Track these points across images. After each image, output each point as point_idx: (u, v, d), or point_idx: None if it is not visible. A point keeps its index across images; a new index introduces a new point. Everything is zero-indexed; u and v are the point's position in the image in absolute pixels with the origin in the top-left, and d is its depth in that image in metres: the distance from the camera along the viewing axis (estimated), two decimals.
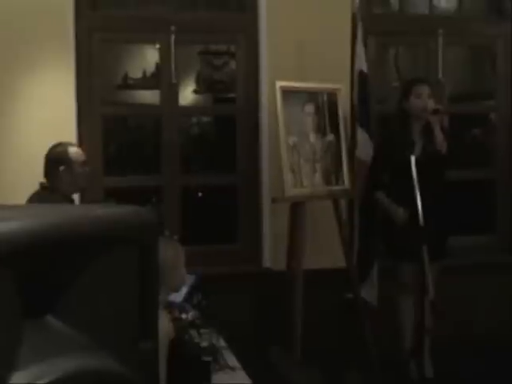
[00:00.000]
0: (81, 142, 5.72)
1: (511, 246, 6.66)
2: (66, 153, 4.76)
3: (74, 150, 4.82)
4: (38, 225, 1.43)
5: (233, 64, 8.08)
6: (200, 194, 7.70)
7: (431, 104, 5.39)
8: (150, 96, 7.96)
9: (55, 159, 4.75)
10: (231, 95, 7.89)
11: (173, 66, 6.02)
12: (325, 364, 5.76)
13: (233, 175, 6.32)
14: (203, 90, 8.80)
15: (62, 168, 4.71)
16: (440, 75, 6.42)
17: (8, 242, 1.36)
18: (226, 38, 6.40)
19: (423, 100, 5.44)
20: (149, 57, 8.14)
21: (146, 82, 8.42)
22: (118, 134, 8.01)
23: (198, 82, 8.78)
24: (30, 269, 1.43)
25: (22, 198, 4.73)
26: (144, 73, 8.51)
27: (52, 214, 1.57)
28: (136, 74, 8.58)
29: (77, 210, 1.68)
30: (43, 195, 4.71)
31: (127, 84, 8.68)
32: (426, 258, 4.73)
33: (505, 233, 6.69)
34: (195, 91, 8.73)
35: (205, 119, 8.92)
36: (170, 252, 3.73)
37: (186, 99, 7.92)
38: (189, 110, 7.42)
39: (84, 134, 5.83)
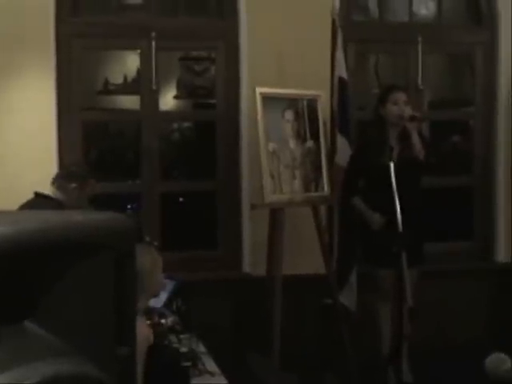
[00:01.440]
0: (60, 148, 5.72)
1: (488, 253, 6.70)
2: (86, 174, 5.10)
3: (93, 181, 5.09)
4: (14, 230, 1.43)
5: (213, 70, 8.07)
6: (181, 199, 7.70)
7: (408, 111, 5.42)
8: (130, 101, 7.95)
9: (70, 175, 5.01)
10: (212, 101, 7.91)
11: (153, 72, 6.04)
12: (303, 369, 5.79)
13: (213, 181, 6.33)
14: (184, 96, 8.79)
15: (74, 185, 4.92)
16: (419, 82, 6.45)
17: None
18: (207, 44, 6.42)
19: (400, 107, 5.47)
20: (129, 62, 8.12)
21: (127, 88, 8.40)
22: (98, 140, 8.00)
23: (178, 87, 8.78)
24: (6, 275, 1.43)
25: (4, 206, 4.74)
26: (125, 78, 8.50)
27: (29, 220, 1.57)
28: (117, 79, 8.57)
29: (55, 215, 1.68)
30: (40, 203, 4.77)
31: (108, 89, 8.66)
32: (404, 264, 4.74)
33: (482, 239, 6.73)
34: (176, 97, 8.72)
35: (185, 125, 8.92)
36: (148, 258, 3.74)
37: (166, 105, 7.92)
38: (169, 116, 7.41)
39: (64, 140, 5.82)
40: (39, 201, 4.81)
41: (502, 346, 6.20)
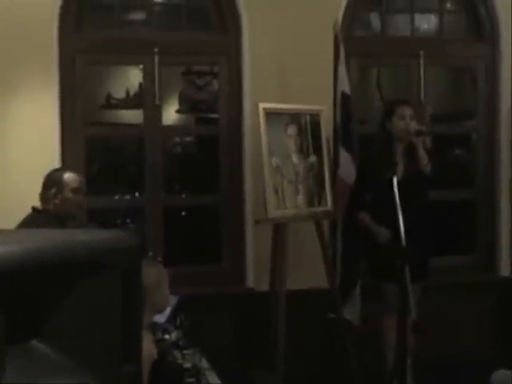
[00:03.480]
0: (64, 163, 5.73)
1: (491, 266, 6.70)
2: (59, 177, 4.82)
3: (68, 176, 4.86)
4: (22, 250, 1.44)
5: (215, 84, 8.10)
6: (184, 213, 7.70)
7: (414, 125, 5.44)
8: (133, 116, 7.97)
9: (49, 182, 4.82)
10: (214, 115, 7.93)
11: (156, 86, 6.05)
12: None
13: (216, 196, 6.34)
14: (186, 110, 8.81)
15: (52, 191, 4.76)
16: (422, 96, 6.47)
17: None
18: (209, 59, 6.46)
19: (406, 121, 5.49)
20: (132, 77, 8.15)
21: (130, 102, 8.43)
22: (100, 154, 8.01)
23: (180, 101, 8.79)
24: (14, 294, 1.44)
25: (8, 221, 4.74)
26: (127, 92, 8.53)
27: (35, 239, 1.58)
28: (119, 93, 8.59)
29: (60, 234, 1.69)
30: (35, 217, 4.75)
31: (110, 104, 8.68)
32: (408, 278, 4.74)
33: (484, 253, 6.73)
34: (178, 111, 8.74)
35: (187, 139, 8.94)
36: (154, 273, 3.75)
37: (168, 119, 7.93)
38: (172, 131, 7.43)
39: (67, 155, 5.83)
40: (35, 216, 4.80)
41: (506, 359, 6.21)
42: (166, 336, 4.60)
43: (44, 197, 4.81)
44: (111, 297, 1.65)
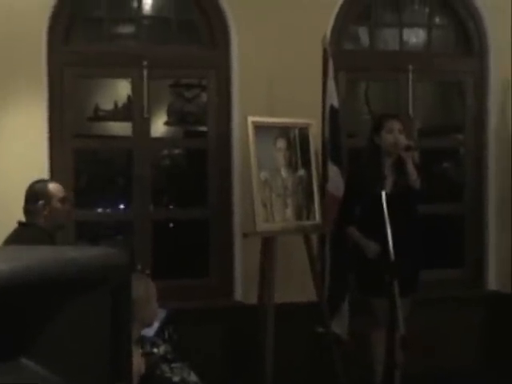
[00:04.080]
0: (53, 176, 5.72)
1: (479, 281, 6.71)
2: (45, 188, 4.80)
3: (53, 186, 4.85)
4: (10, 268, 1.44)
5: (204, 96, 8.10)
6: (171, 225, 7.68)
7: (403, 140, 5.45)
8: (121, 128, 7.97)
9: (34, 195, 4.79)
10: (202, 128, 7.94)
11: (145, 100, 6.05)
12: None
13: (204, 209, 6.33)
14: (174, 122, 8.81)
15: (40, 203, 4.73)
16: (410, 110, 6.49)
17: None
18: (199, 73, 6.46)
19: (394, 135, 5.50)
20: (120, 88, 8.14)
21: (118, 114, 8.42)
22: (89, 167, 8.00)
23: (169, 114, 8.79)
24: (3, 312, 1.43)
25: None
26: (115, 104, 8.52)
27: (24, 257, 1.58)
28: (107, 105, 8.58)
29: (50, 252, 1.69)
30: (22, 232, 4.73)
31: (98, 116, 8.67)
32: (397, 293, 4.74)
33: (473, 267, 6.74)
34: (166, 123, 8.74)
35: (176, 151, 8.93)
36: (142, 287, 3.75)
37: (157, 131, 7.93)
38: (160, 144, 7.42)
39: (56, 168, 5.82)
40: (22, 230, 4.78)
41: (494, 373, 6.22)
42: (155, 349, 4.58)
43: (31, 210, 4.78)
44: (101, 314, 1.65)
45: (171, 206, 8.01)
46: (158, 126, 8.40)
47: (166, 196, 8.21)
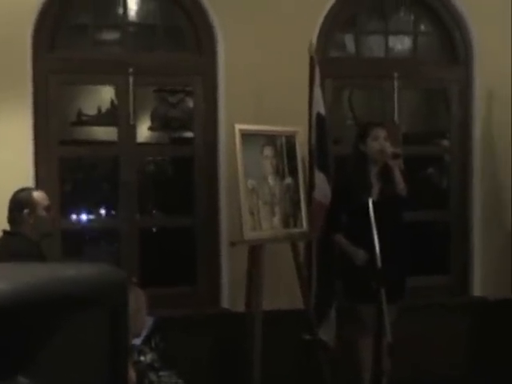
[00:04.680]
0: (37, 184, 5.69)
1: (464, 287, 6.73)
2: (30, 197, 4.77)
3: (37, 194, 4.83)
4: (8, 287, 1.44)
5: (188, 101, 8.10)
6: (154, 229, 7.63)
7: (389, 148, 5.47)
8: (105, 132, 7.95)
9: (19, 203, 4.75)
10: (187, 133, 7.93)
11: (131, 107, 6.04)
12: None
13: (191, 217, 6.32)
14: (158, 127, 8.80)
15: (25, 212, 4.71)
16: (396, 117, 6.50)
17: None
18: (184, 80, 6.43)
19: (380, 143, 5.51)
20: (103, 93, 8.13)
21: (101, 119, 8.40)
22: (74, 173, 7.98)
23: (152, 119, 8.78)
24: (3, 328, 1.43)
25: None
26: (99, 109, 8.49)
27: (24, 276, 1.57)
28: (90, 110, 8.55)
29: (46, 270, 1.68)
30: (7, 241, 4.71)
31: (81, 121, 8.64)
32: (384, 300, 4.75)
33: (458, 273, 6.75)
34: (150, 128, 8.72)
35: (162, 159, 8.90)
36: (132, 298, 3.72)
37: (141, 136, 7.91)
38: (147, 152, 7.35)
39: (41, 175, 5.80)
40: (8, 239, 4.76)
41: (480, 380, 6.24)
42: (142, 358, 4.57)
43: (16, 219, 4.76)
44: (99, 332, 1.65)
45: (154, 211, 7.99)
46: (143, 131, 8.37)
47: (152, 203, 8.20)
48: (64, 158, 6.15)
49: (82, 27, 6.20)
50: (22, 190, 4.88)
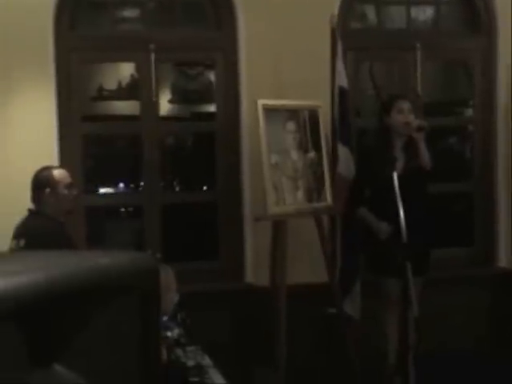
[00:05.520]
0: (61, 160, 5.72)
1: (489, 258, 6.71)
2: (50, 175, 4.78)
3: (58, 173, 4.84)
4: (41, 279, 1.45)
5: (207, 74, 8.09)
6: (177, 205, 7.63)
7: (414, 120, 5.43)
8: (126, 106, 7.95)
9: (40, 183, 4.77)
10: (207, 107, 7.92)
11: (153, 84, 6.03)
12: (309, 380, 5.79)
13: (213, 192, 6.33)
14: (179, 100, 8.79)
15: (47, 191, 4.73)
16: (419, 89, 6.45)
17: (14, 298, 1.38)
18: (205, 55, 6.42)
19: (405, 115, 5.47)
20: (123, 68, 8.13)
21: (122, 93, 8.40)
22: (98, 150, 7.98)
23: (173, 92, 8.77)
24: (36, 321, 1.45)
25: (9, 222, 4.76)
26: (119, 84, 8.49)
27: (58, 266, 1.58)
28: (111, 85, 8.55)
29: (82, 259, 1.69)
30: (32, 221, 4.73)
31: (102, 95, 8.64)
32: (410, 274, 4.73)
33: (483, 245, 6.73)
34: (170, 101, 8.71)
35: (184, 134, 8.88)
36: (162, 276, 3.73)
37: (162, 110, 7.89)
38: (169, 127, 7.24)
39: (64, 152, 5.82)
40: (32, 218, 4.78)
41: (505, 351, 6.24)
42: (168, 333, 4.59)
43: (38, 198, 4.78)
44: (131, 319, 1.66)
45: (179, 189, 7.99)
46: (163, 104, 8.36)
47: (174, 178, 8.21)
48: (87, 134, 6.15)
49: (103, 5, 6.19)
50: (43, 169, 4.88)
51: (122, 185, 8.01)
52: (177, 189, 8.12)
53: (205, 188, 7.02)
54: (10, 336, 1.38)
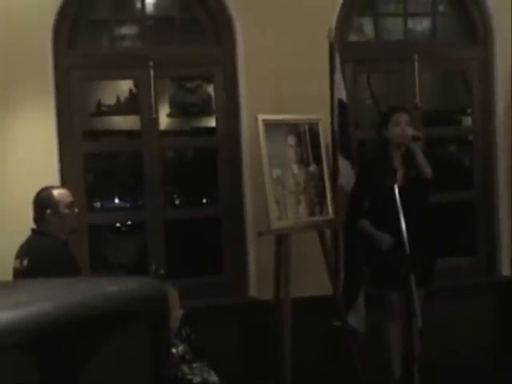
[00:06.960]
0: (62, 179, 5.73)
1: (491, 267, 6.72)
2: (51, 196, 4.80)
3: (58, 192, 4.85)
4: (50, 309, 1.46)
5: (205, 87, 8.10)
6: (180, 221, 7.64)
7: (410, 131, 5.46)
8: (124, 121, 7.96)
9: (41, 203, 4.78)
10: (207, 120, 7.93)
11: (153, 100, 6.05)
12: None
13: (216, 207, 6.34)
14: (177, 114, 8.80)
15: (48, 211, 4.74)
16: (417, 100, 6.47)
17: (27, 328, 1.39)
18: (205, 71, 6.43)
19: (402, 127, 5.50)
20: (122, 83, 8.14)
21: (121, 108, 8.41)
22: (98, 168, 7.98)
23: (171, 105, 8.78)
24: (46, 350, 1.46)
25: (9, 240, 4.77)
26: (118, 99, 8.50)
27: (66, 293, 1.59)
28: (109, 100, 8.56)
29: (90, 286, 1.70)
30: (35, 241, 4.74)
31: (101, 111, 8.65)
32: (413, 286, 4.73)
33: (485, 254, 6.74)
34: (169, 115, 8.72)
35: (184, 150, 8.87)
36: None
37: (161, 124, 7.89)
38: (169, 143, 7.23)
39: (65, 170, 5.84)
40: (35, 238, 4.79)
41: (508, 360, 6.24)
42: (173, 350, 4.59)
43: (40, 218, 4.79)
44: (141, 344, 1.67)
45: (182, 205, 7.98)
46: (162, 118, 8.36)
47: (176, 193, 8.20)
48: (87, 152, 6.17)
49: (101, 23, 6.22)
50: (43, 189, 4.89)
51: (124, 201, 8.01)
52: (177, 202, 8.11)
53: (205, 201, 7.01)
54: (20, 365, 1.40)
